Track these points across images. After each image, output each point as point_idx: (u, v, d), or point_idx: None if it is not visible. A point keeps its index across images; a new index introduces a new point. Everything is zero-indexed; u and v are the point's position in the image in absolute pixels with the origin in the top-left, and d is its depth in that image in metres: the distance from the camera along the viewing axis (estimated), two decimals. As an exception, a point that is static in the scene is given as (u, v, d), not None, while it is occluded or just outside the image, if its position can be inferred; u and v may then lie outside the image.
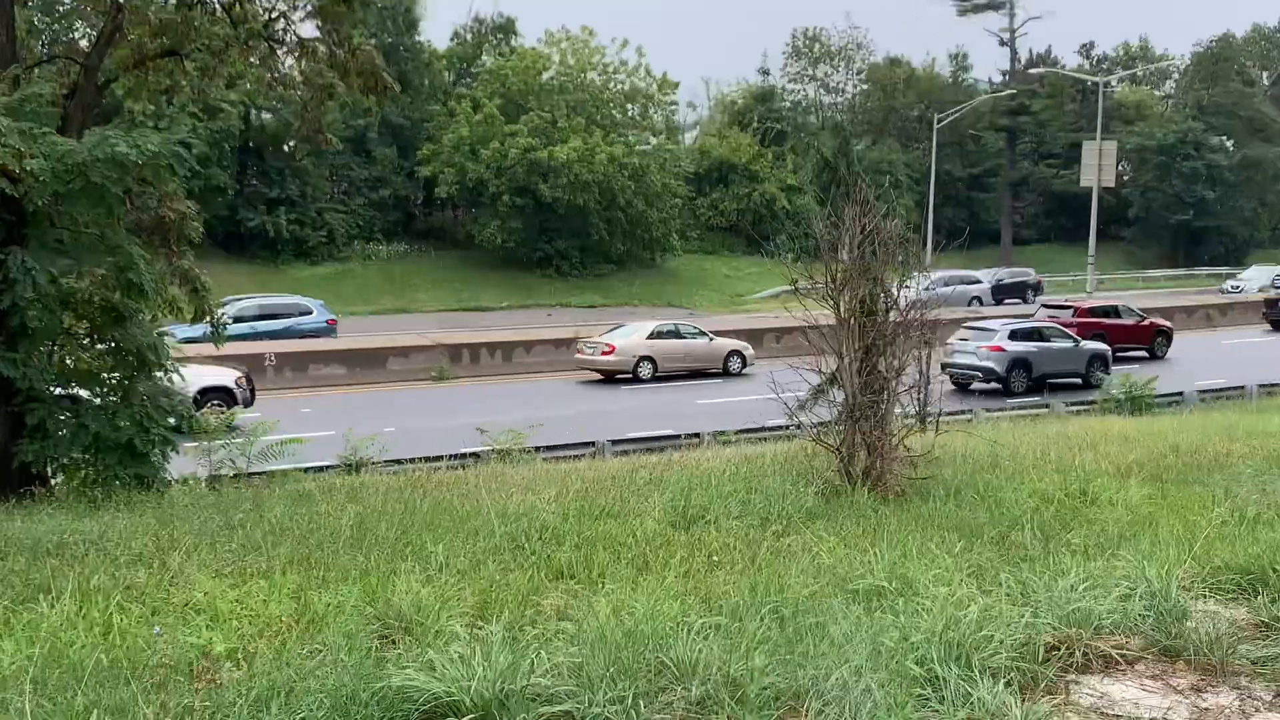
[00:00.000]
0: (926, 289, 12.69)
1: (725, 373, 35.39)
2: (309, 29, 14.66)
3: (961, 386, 31.99)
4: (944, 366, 30.91)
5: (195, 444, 16.61)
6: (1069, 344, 33.39)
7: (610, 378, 34.22)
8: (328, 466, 18.07)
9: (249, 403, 26.52)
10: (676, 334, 35.92)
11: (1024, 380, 31.93)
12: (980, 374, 32.15)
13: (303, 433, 20.90)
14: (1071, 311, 38.59)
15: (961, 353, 32.32)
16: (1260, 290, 61.06)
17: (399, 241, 64.44)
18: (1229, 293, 63.61)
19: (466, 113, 62.14)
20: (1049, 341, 33.14)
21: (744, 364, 35.55)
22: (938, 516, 10.10)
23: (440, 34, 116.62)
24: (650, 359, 34.46)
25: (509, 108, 63.42)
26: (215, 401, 25.74)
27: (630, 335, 35.10)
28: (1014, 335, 32.76)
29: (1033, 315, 39.07)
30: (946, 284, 51.60)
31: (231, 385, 26.69)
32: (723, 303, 61.99)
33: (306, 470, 17.24)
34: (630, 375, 34.10)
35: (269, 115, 59.51)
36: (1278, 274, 67.01)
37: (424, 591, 7.30)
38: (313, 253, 59.43)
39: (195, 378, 25.45)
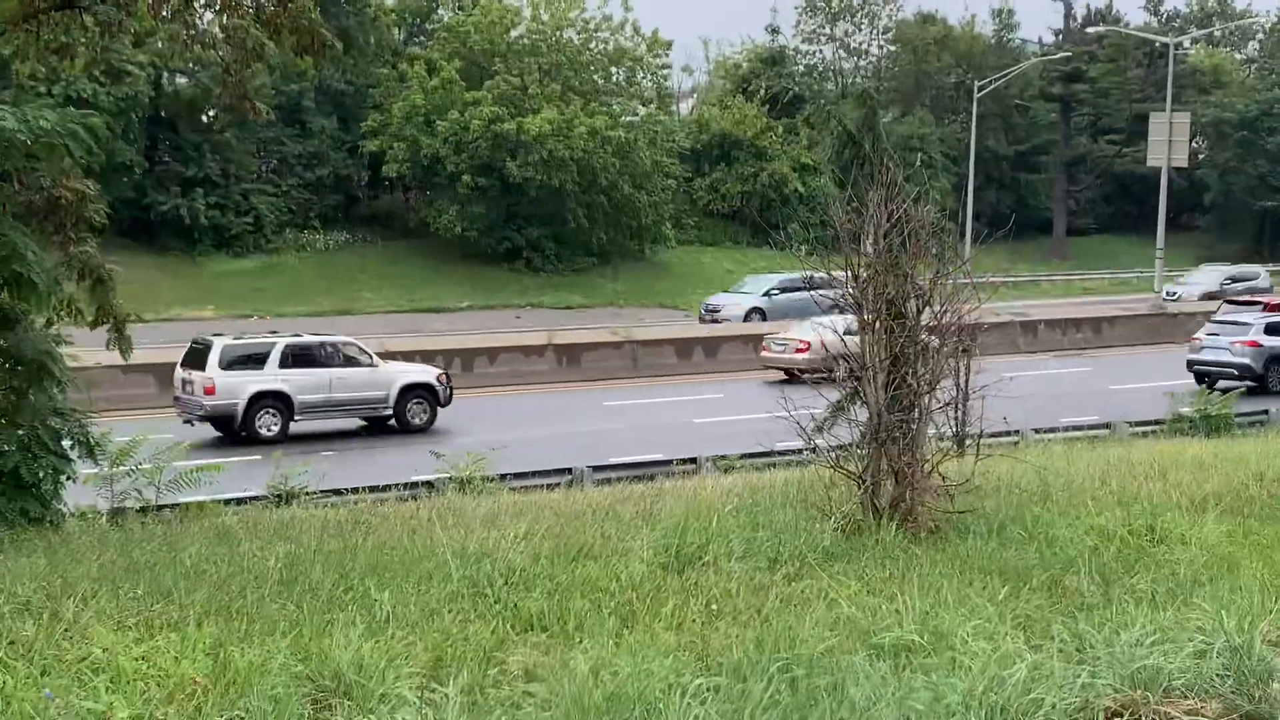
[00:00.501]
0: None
1: None
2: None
3: (1209, 384, 33.37)
4: (1190, 364, 35.13)
5: (95, 471, 16.56)
6: None
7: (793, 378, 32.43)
8: (253, 497, 18.02)
9: (449, 401, 29.61)
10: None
11: None
12: (1235, 371, 34.59)
13: (222, 458, 20.86)
14: (1260, 308, 38.69)
15: (1211, 348, 35.21)
16: None
17: (339, 229, 64.37)
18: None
19: (420, 77, 62.13)
20: None
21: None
22: (978, 557, 10.12)
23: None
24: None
25: (471, 71, 63.41)
26: (418, 399, 29.14)
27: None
28: (1271, 329, 35.13)
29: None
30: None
31: (434, 382, 29.52)
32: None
33: (227, 502, 17.20)
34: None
35: (184, 80, 59.38)
36: None
37: (366, 647, 7.27)
38: (235, 242, 59.34)
39: (399, 374, 29.04)
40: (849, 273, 12.49)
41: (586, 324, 49.64)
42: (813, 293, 13.98)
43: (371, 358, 29.29)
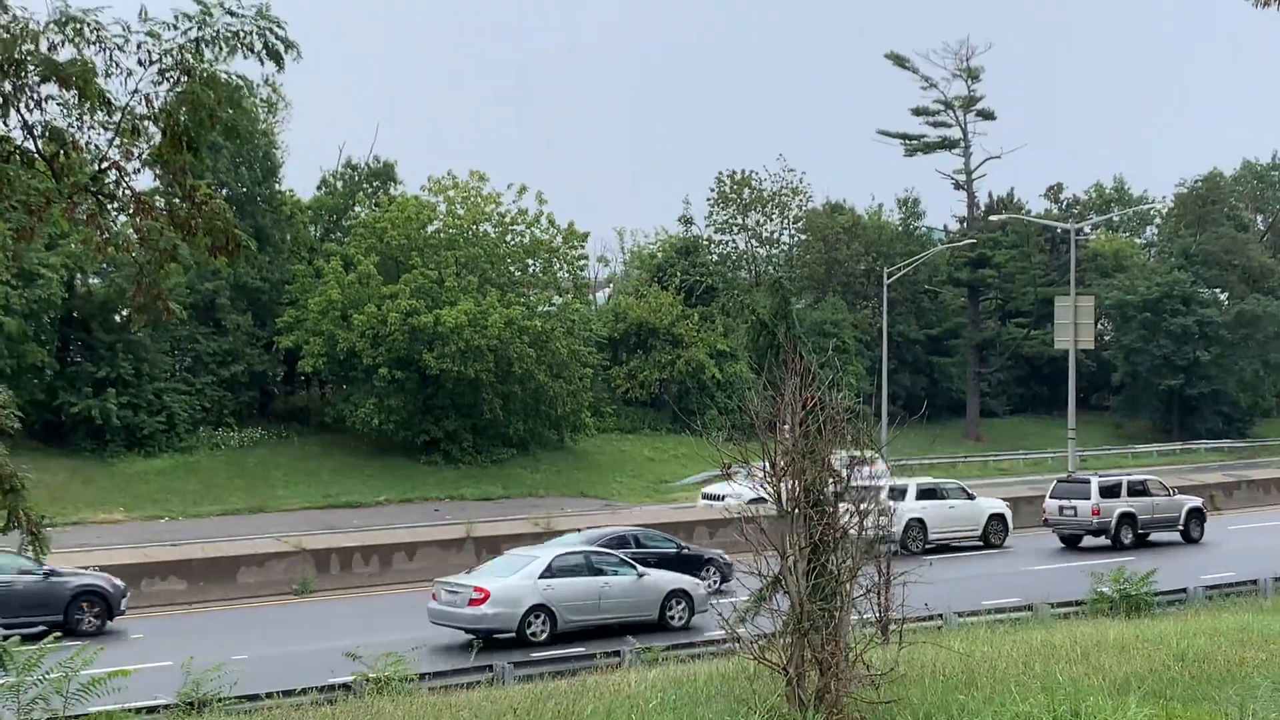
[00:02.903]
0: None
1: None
2: (146, 178, 14.73)
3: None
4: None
5: (2, 681, 16.02)
6: None
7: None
8: (163, 705, 17.50)
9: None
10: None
11: None
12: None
13: (132, 663, 20.27)
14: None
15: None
16: None
17: (254, 426, 63.91)
18: None
19: (337, 272, 62.51)
20: None
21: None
22: (905, 749, 10.02)
23: (306, 182, 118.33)
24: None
25: (387, 265, 63.94)
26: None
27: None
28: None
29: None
30: None
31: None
32: (645, 490, 62.04)
33: (137, 711, 16.69)
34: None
35: (98, 280, 59.36)
36: None
37: None
38: (148, 442, 58.61)
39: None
40: (766, 460, 12.55)
41: (507, 515, 49.32)
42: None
43: None
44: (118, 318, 58.91)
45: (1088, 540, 40.65)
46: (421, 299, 61.49)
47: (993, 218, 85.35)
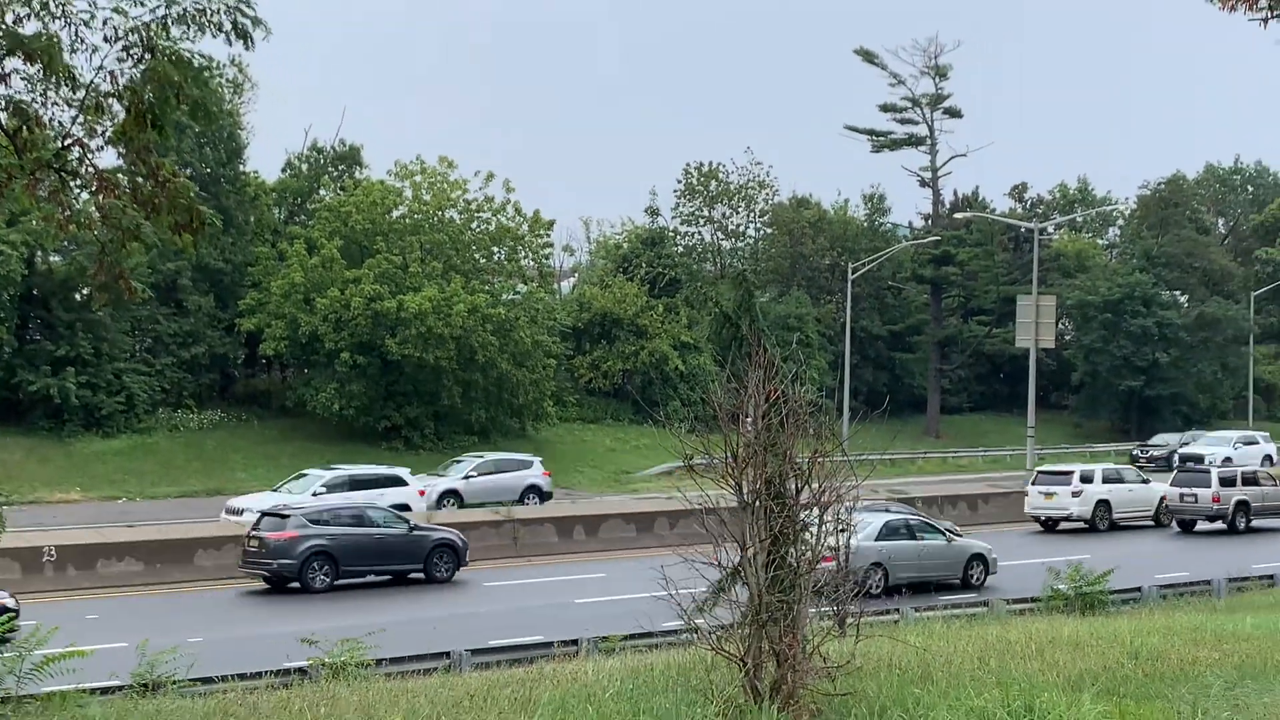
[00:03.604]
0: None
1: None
2: (110, 156, 14.63)
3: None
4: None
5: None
6: None
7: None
8: (118, 687, 17.40)
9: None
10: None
11: None
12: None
13: (88, 644, 20.15)
14: None
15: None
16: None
17: (213, 409, 63.57)
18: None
19: (300, 255, 62.20)
20: None
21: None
22: (860, 742, 10.07)
23: (270, 164, 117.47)
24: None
25: (351, 250, 63.65)
26: None
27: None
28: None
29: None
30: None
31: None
32: (606, 480, 62.03)
33: (91, 692, 16.59)
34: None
35: (58, 258, 58.85)
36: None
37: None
38: (106, 422, 58.20)
39: None
40: (728, 452, 12.57)
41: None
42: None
43: None
44: (78, 296, 58.45)
45: (1201, 525, 45.06)
46: (385, 284, 61.28)
47: (957, 215, 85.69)
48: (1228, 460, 61.94)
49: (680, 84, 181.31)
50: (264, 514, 33.86)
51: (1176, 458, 65.34)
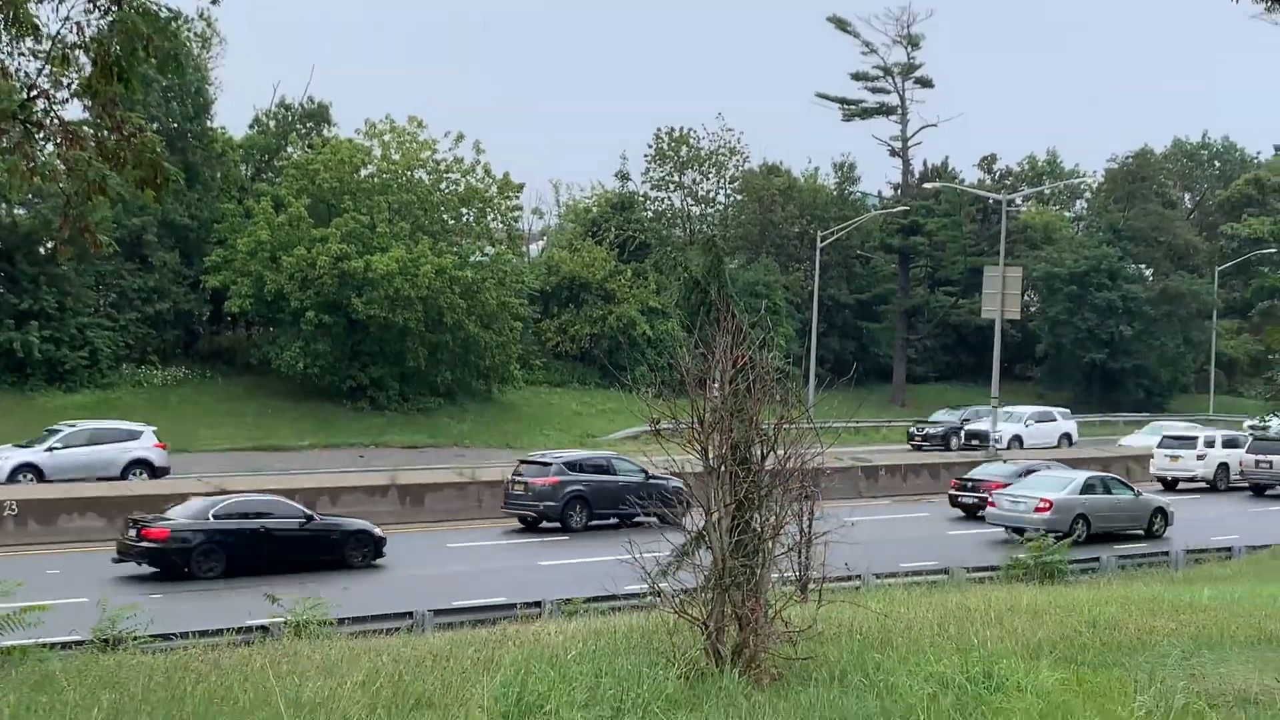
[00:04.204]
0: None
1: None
2: (76, 109, 14.50)
3: None
4: None
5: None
6: None
7: None
8: (78, 642, 17.35)
9: None
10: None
11: None
12: None
13: (48, 598, 20.09)
14: None
15: None
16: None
17: (177, 365, 63.20)
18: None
19: (266, 213, 61.81)
20: None
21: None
22: (819, 706, 10.14)
23: (238, 120, 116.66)
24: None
25: (318, 208, 63.27)
26: None
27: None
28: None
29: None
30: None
31: None
32: (571, 444, 61.96)
33: (51, 647, 16.54)
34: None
35: (22, 211, 58.26)
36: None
37: (192, 802, 7.01)
38: (70, 377, 57.85)
39: None
40: (695, 417, 12.58)
41: (431, 464, 49.19)
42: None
43: None
44: (42, 250, 57.95)
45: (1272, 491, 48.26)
46: (352, 244, 60.99)
47: (926, 186, 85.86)
48: (1017, 439, 61.47)
49: (653, 48, 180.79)
50: (524, 461, 37.98)
51: (961, 435, 62.25)
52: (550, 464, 36.55)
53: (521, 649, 12.80)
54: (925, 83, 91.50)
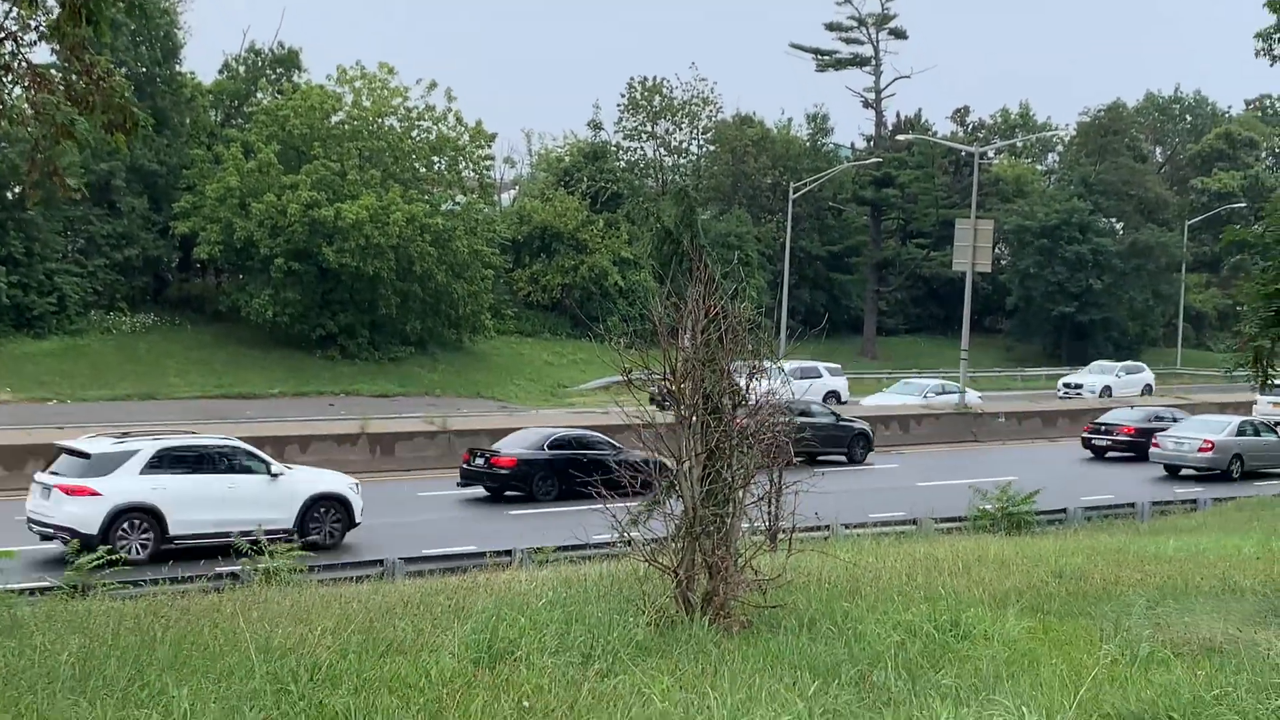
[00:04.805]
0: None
1: None
2: (44, 52, 14.32)
3: None
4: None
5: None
6: None
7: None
8: (47, 588, 17.33)
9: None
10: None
11: None
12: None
13: (16, 544, 20.06)
14: None
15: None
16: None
17: (146, 312, 62.89)
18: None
19: (236, 159, 61.37)
20: None
21: None
22: (788, 652, 10.21)
23: (208, 65, 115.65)
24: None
25: (289, 155, 62.85)
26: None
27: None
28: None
29: None
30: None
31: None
32: (542, 394, 62.09)
33: (19, 593, 16.51)
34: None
35: (-11, 155, 57.72)
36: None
37: (164, 746, 7.02)
38: (37, 323, 57.50)
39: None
40: (667, 367, 12.59)
41: (402, 413, 49.14)
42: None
43: None
44: (9, 195, 57.43)
45: None
46: (322, 191, 60.64)
47: (899, 138, 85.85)
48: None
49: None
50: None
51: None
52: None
53: (492, 596, 12.84)
54: (899, 34, 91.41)
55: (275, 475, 25.24)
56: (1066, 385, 69.05)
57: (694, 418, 12.41)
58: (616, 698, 8.59)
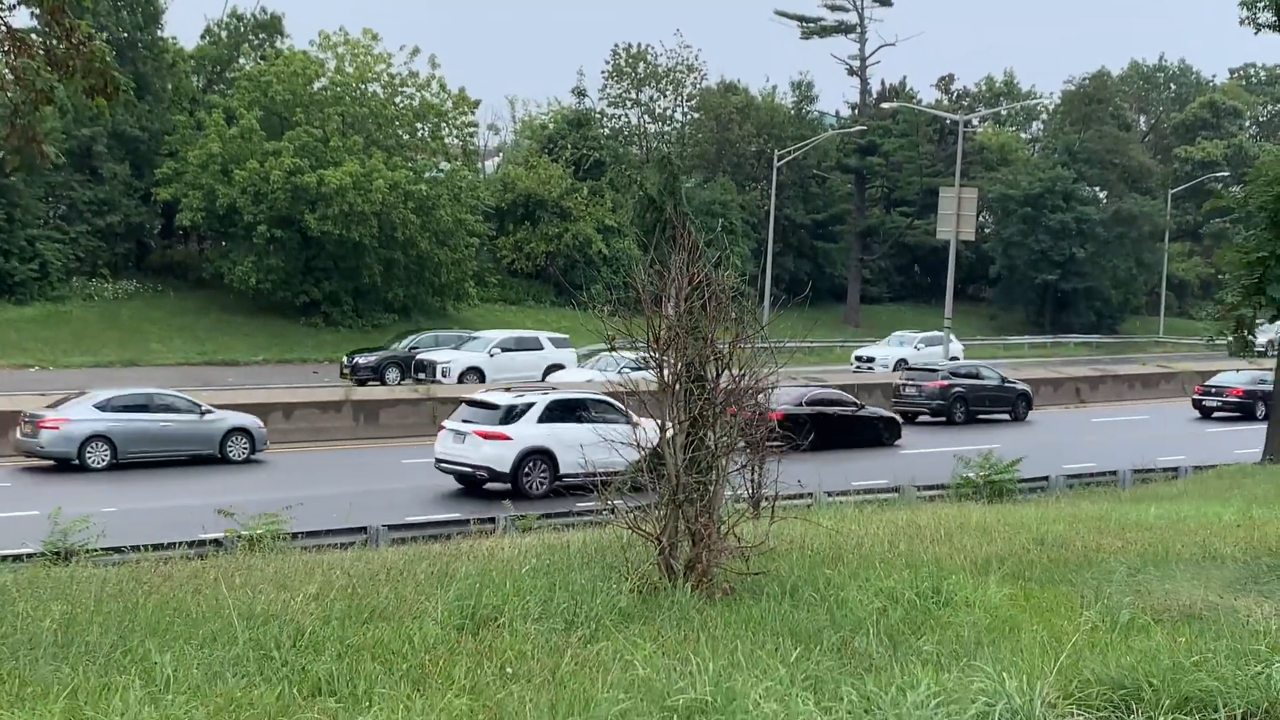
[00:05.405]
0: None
1: None
2: (24, 16, 14.21)
3: None
4: None
5: None
6: None
7: None
8: (29, 554, 17.31)
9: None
10: None
11: None
12: None
13: (-2, 513, 20.03)
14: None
15: None
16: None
17: (128, 278, 62.68)
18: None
19: (218, 125, 61.05)
20: None
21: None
22: (771, 619, 10.24)
23: (189, 30, 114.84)
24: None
25: (271, 121, 62.55)
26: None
27: None
28: None
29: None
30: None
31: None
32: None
33: (2, 559, 16.49)
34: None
35: (-32, 119, 57.31)
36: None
37: (145, 712, 7.03)
38: (19, 290, 57.29)
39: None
40: (650, 335, 12.57)
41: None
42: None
43: None
44: (-11, 161, 57.04)
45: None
46: (305, 157, 60.39)
47: (884, 105, 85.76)
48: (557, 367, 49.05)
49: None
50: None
51: (413, 366, 47.49)
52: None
53: (476, 563, 12.86)
54: (884, 1, 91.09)
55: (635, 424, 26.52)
56: (858, 359, 62.87)
57: (678, 385, 12.40)
58: (599, 663, 8.61)
